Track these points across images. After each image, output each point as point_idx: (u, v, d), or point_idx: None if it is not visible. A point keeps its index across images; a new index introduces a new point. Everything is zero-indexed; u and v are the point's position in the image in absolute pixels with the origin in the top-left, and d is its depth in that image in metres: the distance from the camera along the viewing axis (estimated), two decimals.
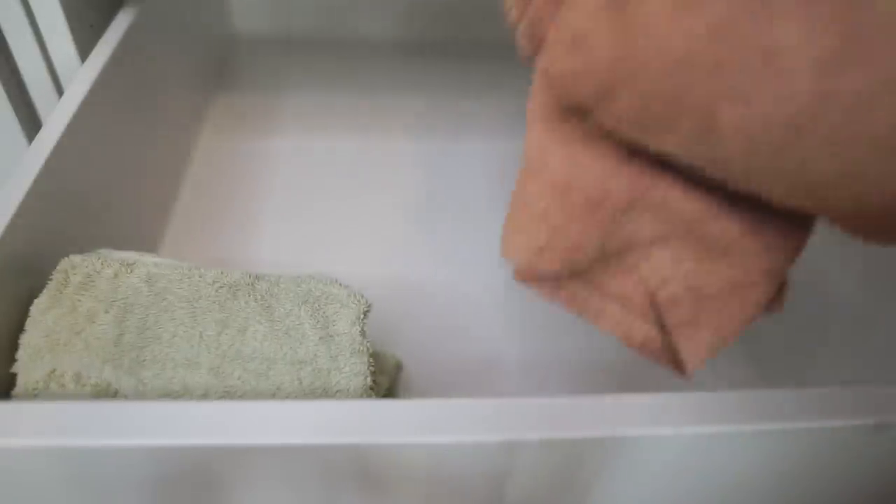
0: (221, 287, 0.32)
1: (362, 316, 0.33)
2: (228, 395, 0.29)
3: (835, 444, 0.27)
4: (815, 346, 0.39)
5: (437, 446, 0.24)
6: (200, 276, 0.33)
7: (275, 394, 0.29)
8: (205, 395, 0.29)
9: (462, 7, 0.77)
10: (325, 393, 0.30)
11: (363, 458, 0.24)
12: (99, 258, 0.33)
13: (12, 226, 0.31)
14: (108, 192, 0.42)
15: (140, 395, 0.28)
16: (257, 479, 0.25)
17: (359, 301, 0.33)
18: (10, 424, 0.24)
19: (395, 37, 0.78)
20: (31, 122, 0.50)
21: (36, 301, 0.30)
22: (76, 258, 0.32)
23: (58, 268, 0.32)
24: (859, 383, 0.27)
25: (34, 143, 0.36)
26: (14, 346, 0.30)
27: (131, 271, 0.32)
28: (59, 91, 0.49)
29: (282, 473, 0.25)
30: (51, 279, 0.31)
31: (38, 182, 0.34)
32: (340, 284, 0.34)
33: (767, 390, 0.26)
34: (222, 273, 0.33)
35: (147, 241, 0.49)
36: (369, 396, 0.31)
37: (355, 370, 0.31)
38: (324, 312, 0.32)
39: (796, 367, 0.40)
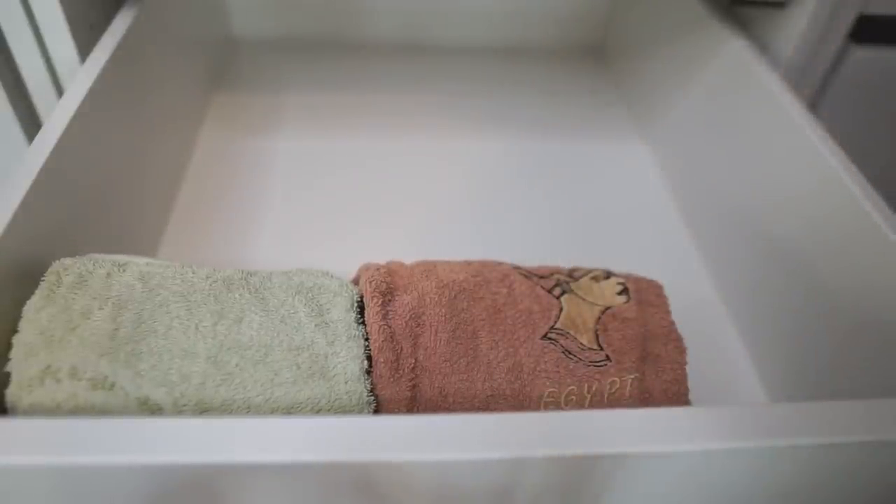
0: (215, 282, 0.32)
1: (355, 304, 0.33)
2: (227, 382, 0.29)
3: (842, 460, 0.26)
4: (820, 359, 0.39)
5: (441, 463, 0.24)
6: (193, 273, 0.33)
7: (273, 379, 0.30)
8: (203, 384, 0.29)
9: (458, 9, 0.77)
10: (323, 377, 0.30)
11: (366, 476, 0.24)
12: (90, 260, 0.33)
13: (12, 226, 0.31)
14: (108, 191, 0.42)
15: (138, 386, 0.28)
16: (258, 496, 0.25)
17: (351, 290, 0.34)
18: (4, 442, 0.23)
19: (393, 37, 0.78)
20: (31, 122, 0.50)
21: (29, 302, 0.30)
22: (67, 260, 0.32)
23: (49, 270, 0.32)
24: (863, 398, 0.27)
25: (34, 143, 0.35)
26: (10, 348, 0.29)
27: (124, 271, 0.32)
28: (59, 91, 0.49)
29: (283, 491, 0.25)
30: (43, 280, 0.31)
31: (38, 182, 0.33)
32: (332, 276, 0.34)
33: (773, 405, 0.26)
34: (215, 270, 0.33)
35: (147, 241, 0.49)
36: (366, 380, 0.31)
37: (352, 354, 0.31)
38: (318, 301, 0.33)
39: (803, 381, 0.40)
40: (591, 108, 0.71)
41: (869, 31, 0.52)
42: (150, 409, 0.28)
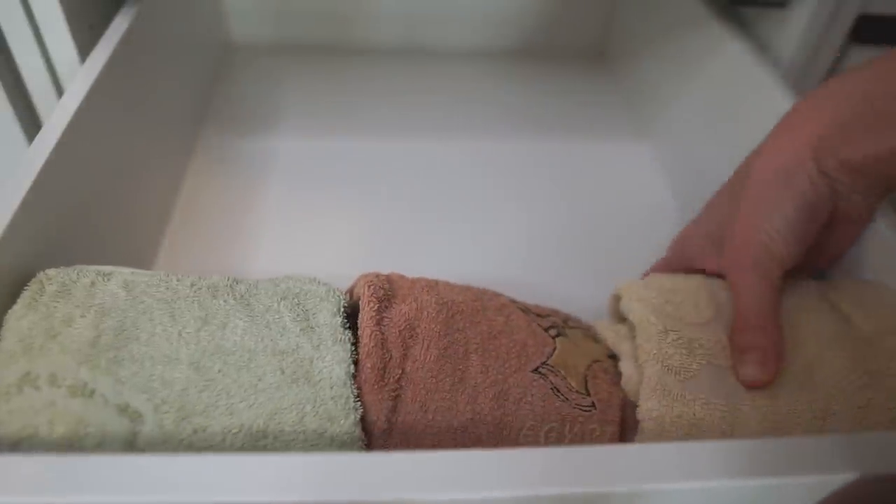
0: (200, 289, 0.32)
1: (342, 309, 0.33)
2: (209, 387, 0.29)
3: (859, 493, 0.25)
4: None
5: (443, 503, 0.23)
6: (178, 281, 0.33)
7: (256, 385, 0.29)
8: (185, 390, 0.28)
9: (458, 13, 0.77)
10: (308, 381, 0.30)
11: None
12: (75, 270, 0.32)
13: (12, 227, 0.31)
14: (108, 192, 0.42)
15: (118, 393, 0.28)
16: None
17: (338, 296, 0.33)
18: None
19: (393, 42, 0.78)
20: (31, 122, 0.50)
21: (10, 310, 0.30)
22: (51, 271, 0.32)
23: (33, 280, 0.31)
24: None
25: (34, 143, 0.35)
26: None
27: (108, 280, 0.32)
28: (59, 91, 0.49)
29: None
30: (26, 289, 0.31)
31: (37, 183, 0.33)
32: (319, 281, 0.34)
33: (790, 439, 0.25)
34: (200, 277, 0.33)
35: (146, 242, 0.49)
36: (352, 385, 0.31)
37: (338, 358, 0.31)
38: (304, 307, 0.32)
39: None
40: (592, 109, 0.71)
41: (869, 31, 0.52)
42: (129, 415, 0.28)
